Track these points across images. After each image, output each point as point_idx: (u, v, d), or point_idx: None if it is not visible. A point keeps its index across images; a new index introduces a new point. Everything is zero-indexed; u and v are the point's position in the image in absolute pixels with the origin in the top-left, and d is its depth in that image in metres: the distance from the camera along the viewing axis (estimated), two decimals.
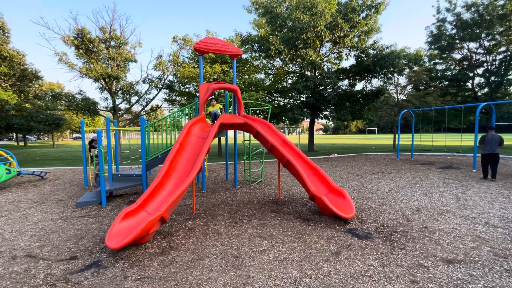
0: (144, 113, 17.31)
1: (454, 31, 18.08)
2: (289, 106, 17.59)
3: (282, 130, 34.16)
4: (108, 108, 15.07)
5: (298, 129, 24.04)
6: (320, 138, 50.96)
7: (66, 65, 13.13)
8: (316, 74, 16.01)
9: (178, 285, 2.73)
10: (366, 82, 17.12)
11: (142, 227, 3.36)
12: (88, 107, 14.28)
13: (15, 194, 7.05)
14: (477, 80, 19.75)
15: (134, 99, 15.64)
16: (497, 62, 18.16)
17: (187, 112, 7.40)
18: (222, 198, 6.32)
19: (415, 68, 19.39)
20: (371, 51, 15.42)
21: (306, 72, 16.12)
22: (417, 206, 5.38)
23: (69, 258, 3.37)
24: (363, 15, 14.86)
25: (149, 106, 16.82)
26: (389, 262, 3.14)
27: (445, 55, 19.55)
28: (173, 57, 15.17)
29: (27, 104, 16.24)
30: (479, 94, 19.60)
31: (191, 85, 15.74)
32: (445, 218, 4.64)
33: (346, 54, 17.04)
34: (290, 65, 17.92)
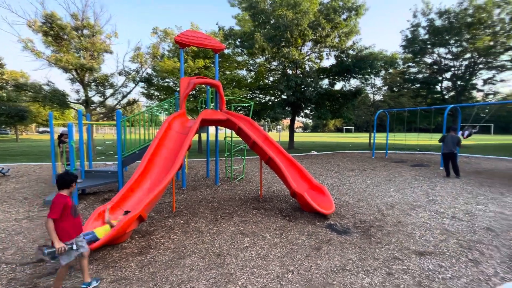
0: (119, 107, 16.51)
1: (427, 36, 19.10)
2: (270, 103, 17.63)
3: (262, 128, 34.23)
4: (80, 101, 14.19)
5: (278, 126, 24.25)
6: (300, 136, 51.83)
7: (32, 53, 12.14)
8: (298, 73, 16.19)
9: (158, 286, 2.64)
10: (345, 82, 17.63)
11: (118, 227, 3.20)
12: (57, 99, 13.32)
13: None
14: (445, 83, 21.09)
15: (109, 92, 14.85)
16: (463, 68, 19.49)
17: (166, 107, 7.16)
18: (203, 195, 6.21)
19: (391, 70, 20.27)
20: (351, 52, 15.87)
21: (288, 71, 16.24)
22: (391, 201, 5.65)
23: (35, 261, 3.13)
24: (344, 16, 15.24)
25: (125, 100, 16.05)
26: (366, 256, 3.26)
27: (418, 58, 20.60)
28: (153, 49, 14.57)
29: None
30: (447, 97, 20.93)
31: (171, 79, 15.24)
32: (416, 212, 4.91)
33: (326, 53, 17.40)
34: (273, 62, 17.93)
